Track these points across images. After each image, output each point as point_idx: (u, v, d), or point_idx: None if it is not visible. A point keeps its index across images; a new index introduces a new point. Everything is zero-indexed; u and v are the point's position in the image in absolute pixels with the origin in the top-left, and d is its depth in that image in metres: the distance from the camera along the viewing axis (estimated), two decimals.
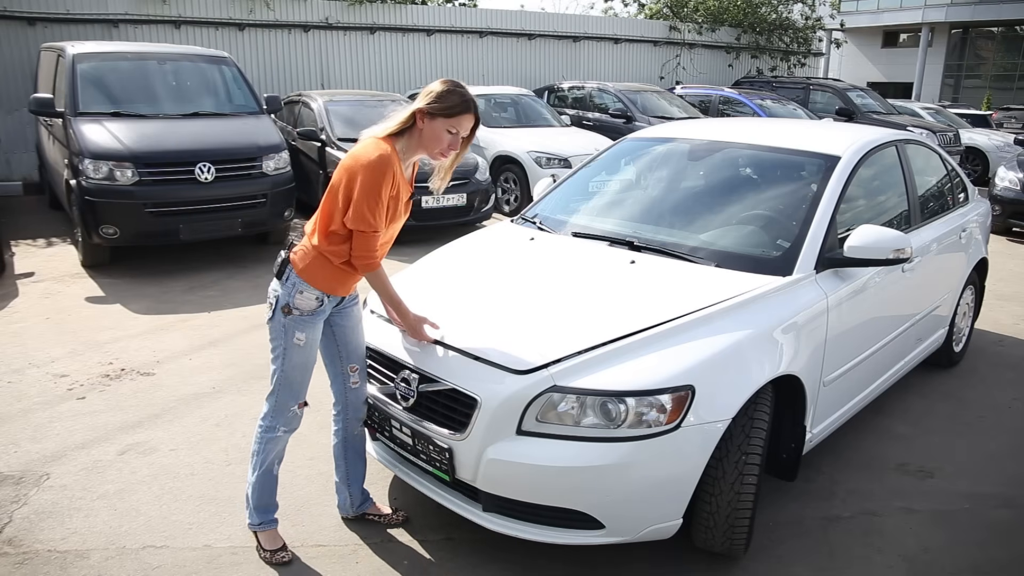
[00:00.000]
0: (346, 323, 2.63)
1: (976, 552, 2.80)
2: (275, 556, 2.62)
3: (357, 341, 2.68)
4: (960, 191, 4.51)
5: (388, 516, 2.87)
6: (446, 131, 2.35)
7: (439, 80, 2.39)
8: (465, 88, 2.38)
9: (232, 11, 11.52)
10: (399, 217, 2.49)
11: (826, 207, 3.06)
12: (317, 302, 2.44)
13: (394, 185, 2.35)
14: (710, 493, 2.43)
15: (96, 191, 5.76)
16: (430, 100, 2.34)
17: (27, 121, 9.62)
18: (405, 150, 2.41)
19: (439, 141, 2.37)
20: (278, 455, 2.63)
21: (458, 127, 2.37)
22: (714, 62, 17.86)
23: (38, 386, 4.02)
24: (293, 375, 2.50)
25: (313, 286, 2.42)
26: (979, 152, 13.28)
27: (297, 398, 2.55)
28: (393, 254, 7.06)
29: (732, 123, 4.54)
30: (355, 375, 2.69)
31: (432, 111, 2.33)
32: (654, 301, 2.64)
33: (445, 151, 2.40)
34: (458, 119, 2.35)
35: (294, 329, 2.43)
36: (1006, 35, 30.51)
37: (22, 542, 2.71)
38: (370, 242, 2.36)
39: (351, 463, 2.81)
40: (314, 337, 2.49)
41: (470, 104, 2.36)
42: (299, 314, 2.43)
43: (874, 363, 3.35)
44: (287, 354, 2.46)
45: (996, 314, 5.54)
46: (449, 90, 2.35)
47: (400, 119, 2.38)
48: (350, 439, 2.78)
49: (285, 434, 2.59)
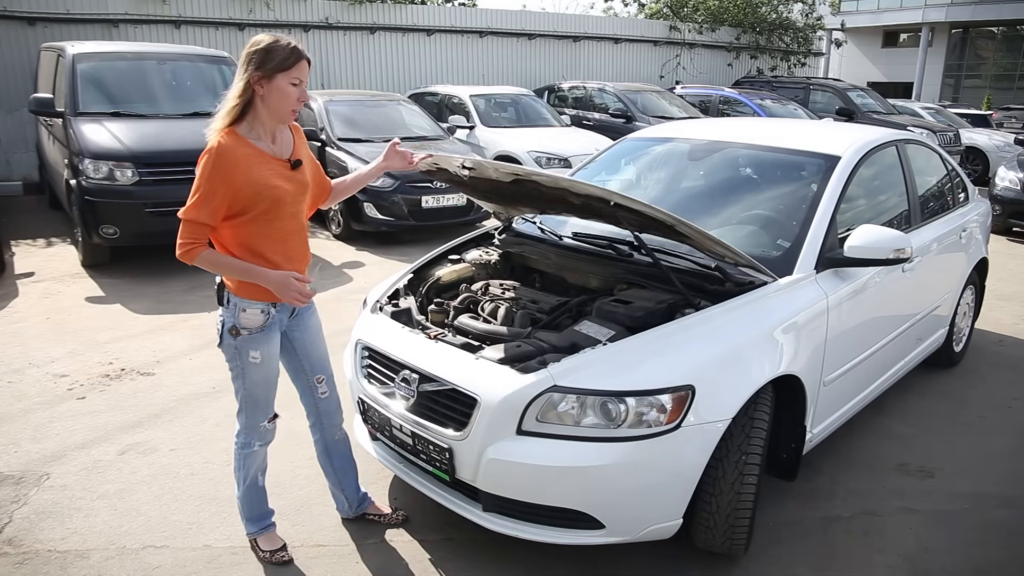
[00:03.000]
0: (304, 336, 2.55)
1: (976, 552, 2.80)
2: (274, 556, 2.62)
3: (319, 351, 2.61)
4: (960, 191, 4.50)
5: (388, 516, 2.86)
6: (290, 85, 2.20)
7: (249, 43, 2.22)
8: (280, 36, 2.24)
9: (232, 11, 11.53)
10: (293, 201, 2.31)
11: (826, 207, 3.06)
12: (264, 315, 2.35)
13: (246, 170, 2.19)
14: (710, 493, 2.43)
15: (96, 191, 5.76)
16: (260, 62, 2.17)
17: (27, 121, 9.62)
18: (254, 126, 2.25)
19: (288, 97, 2.21)
20: (259, 467, 2.61)
21: (300, 75, 2.21)
22: (714, 62, 17.86)
23: (38, 386, 4.02)
24: (256, 392, 2.45)
25: (254, 300, 2.33)
26: (979, 152, 13.27)
27: (266, 413, 2.51)
28: (393, 254, 7.10)
29: (732, 123, 4.54)
30: (322, 385, 2.63)
31: (268, 72, 2.17)
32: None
33: (296, 105, 2.24)
34: (297, 68, 2.20)
35: (247, 348, 2.36)
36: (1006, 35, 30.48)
37: (22, 542, 2.71)
38: (184, 230, 2.19)
39: (339, 469, 2.78)
40: (270, 351, 2.41)
41: (298, 48, 2.21)
42: (248, 333, 2.35)
43: (874, 363, 3.35)
44: (245, 374, 2.41)
45: (996, 314, 5.54)
46: (270, 45, 2.18)
47: (233, 101, 2.21)
48: (332, 446, 2.74)
49: (262, 447, 2.57)
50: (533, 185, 2.72)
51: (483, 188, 3.14)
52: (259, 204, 2.23)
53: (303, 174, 2.37)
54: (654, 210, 2.48)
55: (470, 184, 3.09)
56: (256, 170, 2.22)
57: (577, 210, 2.88)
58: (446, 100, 10.55)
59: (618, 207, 2.53)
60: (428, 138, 8.38)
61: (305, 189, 2.39)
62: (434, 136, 8.53)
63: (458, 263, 3.39)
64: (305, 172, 2.39)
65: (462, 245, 3.58)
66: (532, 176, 2.62)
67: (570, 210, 2.93)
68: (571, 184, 2.53)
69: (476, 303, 3.02)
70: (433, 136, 8.52)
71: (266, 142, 2.29)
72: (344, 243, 7.54)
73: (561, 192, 2.66)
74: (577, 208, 2.84)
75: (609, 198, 2.49)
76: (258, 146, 2.26)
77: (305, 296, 2.30)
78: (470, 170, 2.81)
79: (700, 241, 2.65)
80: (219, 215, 2.22)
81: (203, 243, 2.23)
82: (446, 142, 8.44)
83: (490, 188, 3.07)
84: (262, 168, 2.24)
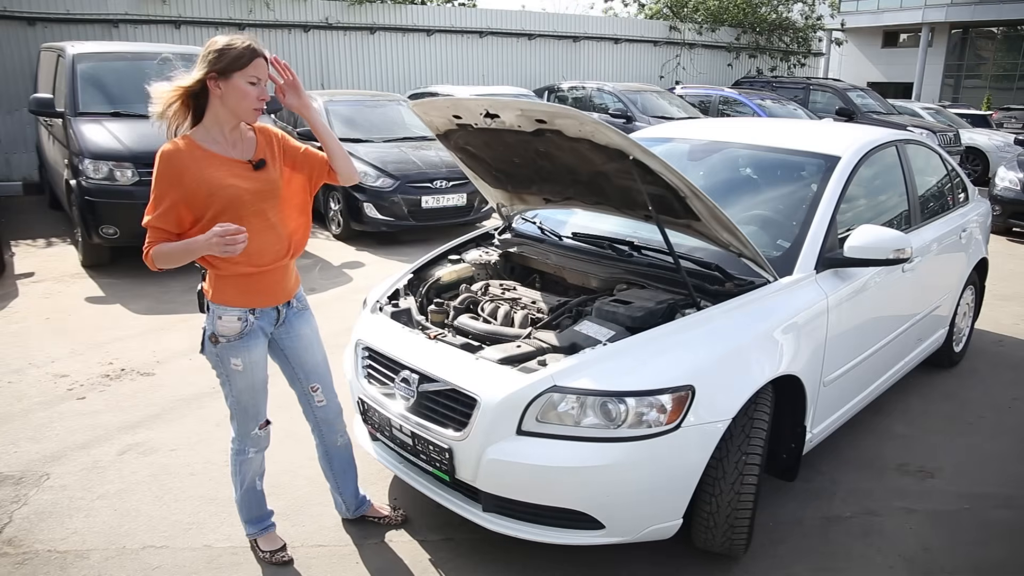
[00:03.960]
0: (296, 344, 2.51)
1: (976, 552, 2.80)
2: (274, 556, 2.62)
3: (314, 359, 2.56)
4: (960, 191, 4.51)
5: (387, 517, 2.86)
6: (248, 83, 2.17)
7: (206, 45, 2.20)
8: (237, 37, 2.22)
9: (232, 11, 11.53)
10: (254, 200, 2.25)
11: (826, 207, 3.06)
12: (240, 322, 2.32)
13: (197, 172, 2.17)
14: (710, 493, 2.43)
15: (96, 191, 5.76)
16: (212, 63, 2.15)
17: (27, 121, 9.63)
18: (211, 130, 2.23)
19: (246, 96, 2.18)
20: (256, 472, 2.60)
21: (258, 74, 2.18)
22: (714, 62, 17.87)
23: (38, 386, 4.02)
24: (244, 399, 2.44)
25: (229, 306, 2.32)
26: (979, 152, 13.27)
27: (256, 420, 2.50)
28: (393, 254, 7.10)
29: (732, 123, 4.54)
30: (318, 393, 2.60)
31: (223, 70, 2.15)
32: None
33: (258, 104, 2.21)
34: (253, 66, 2.17)
35: (228, 356, 2.35)
36: (1006, 35, 30.50)
37: (22, 542, 2.71)
38: (147, 235, 2.20)
39: (338, 474, 2.77)
40: (252, 359, 2.38)
41: (253, 47, 2.18)
42: (226, 340, 2.33)
43: (874, 363, 3.35)
44: (231, 381, 2.40)
45: (996, 314, 5.54)
46: (225, 46, 2.16)
47: (176, 90, 2.19)
48: (332, 450, 2.73)
49: (256, 454, 2.56)
50: (556, 135, 2.59)
51: (497, 158, 3.05)
52: (214, 204, 2.20)
53: (268, 174, 2.31)
54: (672, 173, 2.41)
55: (482, 156, 3.02)
56: (209, 171, 2.20)
57: (587, 192, 2.84)
58: None
59: (636, 163, 2.46)
60: (428, 138, 8.38)
61: (271, 188, 2.31)
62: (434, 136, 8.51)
63: (458, 263, 3.39)
64: (271, 171, 2.32)
65: (462, 245, 3.59)
66: (559, 115, 2.47)
67: (579, 195, 2.87)
68: (596, 128, 2.42)
69: (476, 303, 3.02)
70: (433, 136, 8.50)
71: (223, 145, 2.26)
72: (344, 243, 7.55)
73: (582, 145, 2.55)
74: (588, 189, 2.79)
75: (629, 151, 2.42)
76: (211, 149, 2.23)
77: (232, 241, 2.09)
78: (494, 118, 2.69)
79: (709, 223, 2.62)
80: (182, 220, 2.21)
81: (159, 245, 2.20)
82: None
83: (504, 157, 2.99)
84: (215, 169, 2.21)
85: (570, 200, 3.15)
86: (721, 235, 2.68)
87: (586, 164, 2.68)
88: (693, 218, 2.67)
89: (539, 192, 3.25)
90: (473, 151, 3.10)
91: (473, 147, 3.09)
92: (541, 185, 3.14)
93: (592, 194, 2.84)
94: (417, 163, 7.60)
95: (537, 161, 2.87)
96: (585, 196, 2.95)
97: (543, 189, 3.19)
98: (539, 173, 2.99)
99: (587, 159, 2.64)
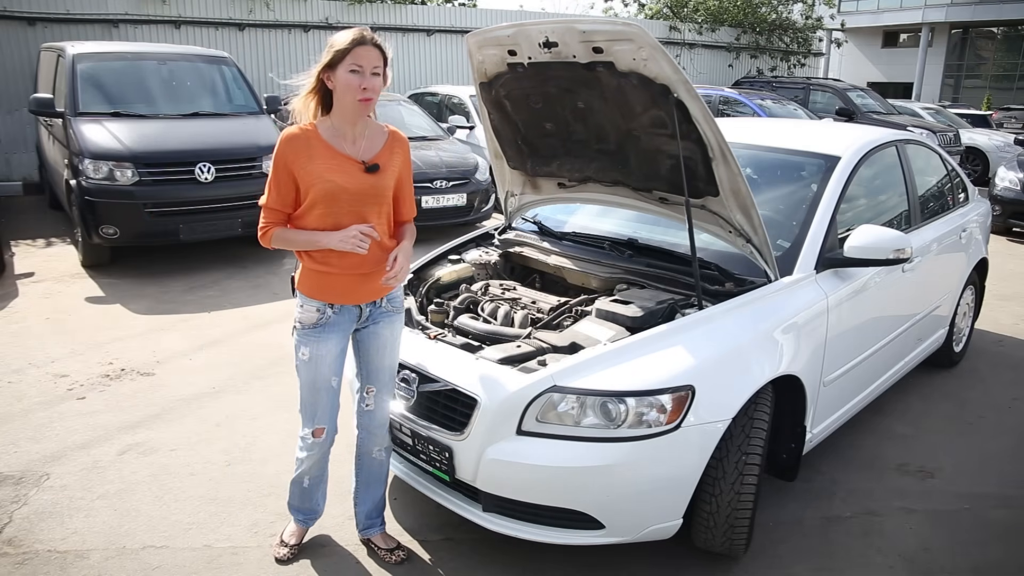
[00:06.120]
0: (370, 342, 2.48)
1: (976, 552, 2.80)
2: (275, 548, 2.65)
3: (380, 363, 2.51)
4: (960, 191, 4.51)
5: (386, 552, 2.66)
6: (350, 72, 2.17)
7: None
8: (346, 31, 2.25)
9: (232, 11, 11.53)
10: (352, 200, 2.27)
11: (826, 207, 3.06)
12: (318, 313, 2.35)
13: (307, 159, 2.22)
14: (710, 493, 2.43)
15: (96, 191, 5.76)
16: (324, 58, 2.21)
17: (27, 121, 9.62)
18: (336, 121, 2.28)
19: (351, 87, 2.18)
20: (306, 471, 2.56)
21: (359, 62, 2.17)
22: (714, 62, 17.87)
23: (38, 386, 4.02)
24: (304, 395, 2.44)
25: (310, 297, 2.35)
26: (979, 152, 13.27)
27: (312, 421, 2.46)
28: None
29: (732, 123, 4.54)
30: (370, 396, 2.54)
31: (330, 63, 2.19)
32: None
33: (362, 93, 2.19)
34: (353, 53, 2.17)
35: (300, 345, 2.38)
36: (1006, 35, 30.52)
37: (22, 542, 2.71)
38: (262, 215, 2.28)
39: (361, 485, 2.67)
40: (319, 353, 2.37)
41: (359, 34, 2.20)
42: (301, 328, 2.37)
43: (874, 363, 3.35)
44: (299, 371, 2.42)
45: (996, 314, 5.54)
46: (332, 39, 2.22)
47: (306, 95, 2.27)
48: (365, 459, 2.64)
49: (308, 456, 2.52)
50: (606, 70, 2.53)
51: (528, 123, 3.03)
52: (311, 194, 2.25)
53: (379, 179, 2.31)
54: (708, 123, 2.43)
55: (515, 117, 3.02)
56: (316, 161, 2.24)
57: (609, 165, 2.82)
58: (446, 100, 10.55)
59: (677, 105, 2.45)
60: (428, 138, 8.38)
61: (375, 193, 2.31)
62: (434, 136, 8.53)
63: (458, 263, 3.39)
64: (383, 177, 2.33)
65: (462, 245, 3.59)
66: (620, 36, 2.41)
67: (600, 172, 2.85)
68: (652, 54, 2.38)
69: (476, 303, 3.02)
70: (433, 136, 8.52)
71: (342, 140, 2.29)
72: None
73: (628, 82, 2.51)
74: (611, 162, 2.75)
75: (675, 89, 2.43)
76: (330, 142, 2.27)
77: (363, 242, 2.22)
78: (552, 48, 2.61)
79: (726, 200, 2.62)
80: (292, 200, 2.28)
81: (278, 226, 2.30)
82: (446, 142, 8.44)
83: (536, 122, 2.97)
84: (324, 160, 2.25)
85: (587, 183, 3.10)
86: (735, 216, 2.64)
87: (623, 117, 2.63)
88: (712, 193, 2.65)
89: (558, 171, 3.21)
90: (509, 109, 3.03)
91: (511, 101, 3.01)
92: (563, 161, 3.11)
93: (614, 168, 2.80)
94: (417, 163, 7.60)
95: (570, 125, 2.84)
96: (605, 173, 2.89)
97: (563, 168, 3.15)
98: (566, 144, 2.96)
99: (626, 107, 2.60)
